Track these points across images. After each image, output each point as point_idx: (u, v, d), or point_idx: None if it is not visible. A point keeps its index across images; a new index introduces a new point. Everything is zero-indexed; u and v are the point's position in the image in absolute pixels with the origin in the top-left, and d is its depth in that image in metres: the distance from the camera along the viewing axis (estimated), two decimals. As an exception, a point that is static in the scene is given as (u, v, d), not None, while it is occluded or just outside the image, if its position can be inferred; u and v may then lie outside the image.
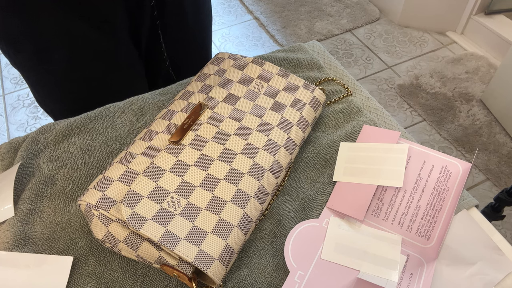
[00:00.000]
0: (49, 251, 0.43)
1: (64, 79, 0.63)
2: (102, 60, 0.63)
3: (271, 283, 0.41)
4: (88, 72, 0.64)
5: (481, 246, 0.44)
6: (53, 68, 0.62)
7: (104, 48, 0.62)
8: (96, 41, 0.61)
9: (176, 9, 0.68)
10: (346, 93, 0.59)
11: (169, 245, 0.38)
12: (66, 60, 0.61)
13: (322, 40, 1.89)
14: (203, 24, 0.77)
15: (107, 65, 0.64)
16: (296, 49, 0.66)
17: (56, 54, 0.60)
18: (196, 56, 0.79)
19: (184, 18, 0.70)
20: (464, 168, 0.49)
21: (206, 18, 0.77)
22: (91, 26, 0.59)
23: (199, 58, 0.80)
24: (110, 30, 0.61)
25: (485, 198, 1.36)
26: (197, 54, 0.79)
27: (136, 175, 0.43)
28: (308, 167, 0.51)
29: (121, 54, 0.65)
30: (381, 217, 0.46)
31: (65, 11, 0.55)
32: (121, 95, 0.59)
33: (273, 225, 0.46)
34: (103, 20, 0.59)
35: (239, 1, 2.13)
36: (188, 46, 0.76)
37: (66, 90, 0.65)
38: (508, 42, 1.71)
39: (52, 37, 0.58)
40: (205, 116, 0.49)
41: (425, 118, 1.58)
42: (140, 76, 0.71)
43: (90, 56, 0.62)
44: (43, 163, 0.50)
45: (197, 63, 0.78)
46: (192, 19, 0.72)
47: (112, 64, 0.65)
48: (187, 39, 0.74)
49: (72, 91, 0.65)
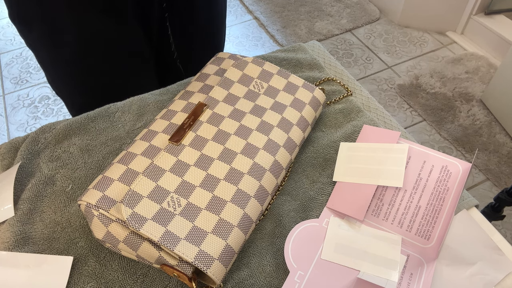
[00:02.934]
0: (49, 251, 0.43)
1: (75, 61, 0.64)
2: (111, 47, 0.64)
3: (271, 283, 0.41)
4: (99, 57, 0.65)
5: (481, 246, 0.44)
6: (65, 50, 0.63)
7: (113, 36, 0.63)
8: (106, 28, 0.62)
9: (186, 4, 0.68)
10: (346, 93, 0.59)
11: (169, 245, 0.38)
12: (77, 43, 0.62)
13: (322, 40, 1.89)
14: (216, 20, 0.77)
15: (116, 51, 0.65)
16: (296, 49, 0.66)
17: (68, 37, 0.61)
18: (206, 52, 0.79)
19: (195, 13, 0.71)
20: (464, 168, 0.49)
21: (219, 14, 0.77)
22: (100, 12, 0.59)
23: (210, 54, 0.80)
24: (119, 17, 0.61)
25: (485, 198, 1.36)
26: (208, 49, 0.79)
27: (136, 175, 0.43)
28: (308, 167, 0.51)
29: (130, 42, 0.66)
30: (381, 217, 0.46)
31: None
32: (129, 83, 0.60)
33: (273, 225, 0.46)
34: (113, 7, 0.60)
35: (239, 1, 2.13)
36: (198, 41, 0.76)
37: (76, 73, 0.66)
38: (508, 42, 1.71)
39: (64, 21, 0.59)
40: (205, 116, 0.49)
41: (425, 118, 1.58)
42: (148, 64, 0.71)
43: (101, 42, 0.63)
44: (43, 163, 0.50)
45: (207, 58, 0.78)
46: (204, 15, 0.72)
47: (121, 51, 0.66)
48: (197, 34, 0.75)
49: (83, 73, 0.66)
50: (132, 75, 0.69)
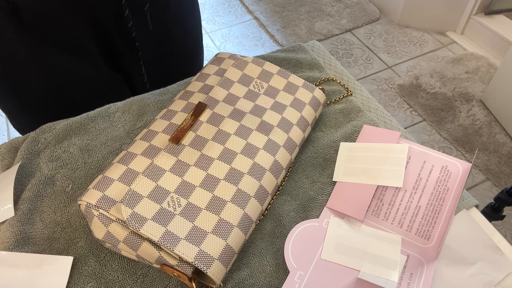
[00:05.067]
0: (49, 251, 0.43)
1: (43, 109, 0.61)
2: (81, 88, 0.61)
3: (271, 283, 0.41)
4: (68, 100, 0.62)
5: (481, 246, 0.44)
6: (30, 99, 0.59)
7: (82, 76, 0.60)
8: (73, 68, 0.59)
9: (160, 35, 0.65)
10: (346, 93, 0.59)
11: (169, 245, 0.38)
12: (42, 90, 0.58)
13: (322, 40, 1.89)
14: (192, 52, 0.75)
15: (86, 92, 0.62)
16: (296, 49, 0.66)
17: (31, 84, 0.57)
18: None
19: (168, 43, 0.68)
20: (464, 168, 0.49)
21: (195, 44, 0.75)
22: (64, 52, 0.57)
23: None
24: (86, 56, 0.59)
25: (485, 198, 1.36)
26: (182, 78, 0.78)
27: (136, 175, 0.43)
28: (308, 167, 0.51)
29: (102, 81, 0.63)
30: (381, 217, 0.46)
31: (36, 37, 0.53)
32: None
33: (273, 225, 0.46)
34: (77, 46, 0.57)
35: (239, 1, 2.13)
36: (172, 72, 0.73)
37: (44, 120, 0.58)
38: (508, 42, 1.71)
39: (25, 67, 0.56)
40: (205, 116, 0.49)
41: (425, 118, 1.58)
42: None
43: (69, 84, 0.60)
44: (43, 163, 0.50)
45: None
46: (180, 46, 0.70)
47: (93, 90, 0.63)
48: (171, 66, 0.72)
49: (52, 120, 0.58)
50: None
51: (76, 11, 0.53)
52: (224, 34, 1.95)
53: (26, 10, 0.50)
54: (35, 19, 0.52)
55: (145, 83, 0.70)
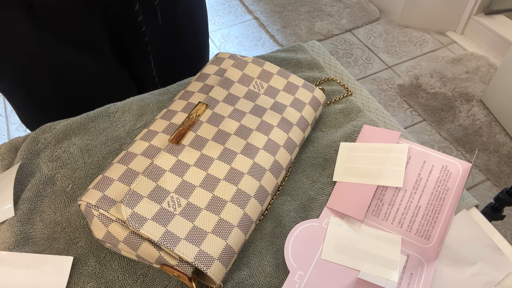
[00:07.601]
0: (49, 251, 0.43)
1: (51, 104, 0.62)
2: (90, 83, 0.62)
3: (271, 283, 0.41)
4: (76, 95, 0.62)
5: (481, 246, 0.44)
6: (39, 94, 0.60)
7: (91, 71, 0.61)
8: (83, 63, 0.59)
9: (169, 31, 0.66)
10: (346, 93, 0.59)
11: (169, 245, 0.38)
12: (52, 85, 0.59)
13: (322, 40, 1.89)
14: (199, 48, 0.75)
15: (95, 87, 0.63)
16: (296, 49, 0.66)
17: (41, 79, 0.58)
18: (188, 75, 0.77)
19: (178, 40, 0.68)
20: (464, 168, 0.49)
21: (202, 40, 0.75)
22: (75, 46, 0.57)
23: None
24: (95, 50, 0.59)
25: (485, 198, 1.36)
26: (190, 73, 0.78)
27: (136, 175, 0.43)
28: (308, 167, 0.51)
29: (110, 77, 0.63)
30: (381, 217, 0.46)
31: (46, 34, 0.54)
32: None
33: (273, 225, 0.46)
34: (87, 40, 0.57)
35: (239, 1, 2.13)
36: (180, 67, 0.74)
37: (51, 115, 0.59)
38: (508, 42, 1.71)
39: (36, 61, 0.56)
40: (205, 116, 0.49)
41: (425, 118, 1.58)
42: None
43: (78, 80, 0.60)
44: (43, 163, 0.50)
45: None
46: (188, 41, 0.70)
47: (101, 86, 0.63)
48: (179, 61, 0.73)
49: (59, 115, 0.59)
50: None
51: (87, 5, 0.54)
52: (224, 34, 1.95)
53: (38, 4, 0.51)
54: (47, 13, 0.52)
55: (153, 78, 0.70)
